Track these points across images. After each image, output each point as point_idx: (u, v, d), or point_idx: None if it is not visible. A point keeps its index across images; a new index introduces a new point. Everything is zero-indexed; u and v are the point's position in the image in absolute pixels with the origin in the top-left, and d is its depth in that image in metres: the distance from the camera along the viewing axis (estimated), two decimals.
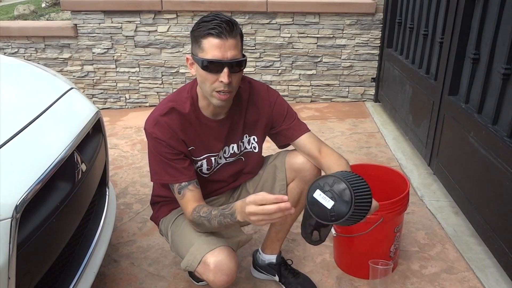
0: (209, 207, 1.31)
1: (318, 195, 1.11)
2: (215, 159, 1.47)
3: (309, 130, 1.53)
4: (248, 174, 1.61)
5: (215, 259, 1.29)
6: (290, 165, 1.54)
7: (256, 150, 1.56)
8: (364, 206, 1.11)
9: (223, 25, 1.21)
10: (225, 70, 1.23)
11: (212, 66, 1.24)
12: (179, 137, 1.36)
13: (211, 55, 1.23)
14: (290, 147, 1.57)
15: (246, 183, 1.63)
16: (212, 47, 1.22)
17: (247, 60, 1.34)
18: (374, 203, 1.23)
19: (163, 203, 1.59)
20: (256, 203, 1.10)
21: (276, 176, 1.56)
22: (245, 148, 1.54)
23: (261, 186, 1.59)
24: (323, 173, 1.43)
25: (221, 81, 1.24)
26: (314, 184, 1.12)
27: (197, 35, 1.25)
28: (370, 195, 1.12)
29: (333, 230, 1.75)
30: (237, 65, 1.26)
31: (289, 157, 1.55)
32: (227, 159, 1.51)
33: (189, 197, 1.35)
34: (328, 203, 1.09)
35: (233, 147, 1.50)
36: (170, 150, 1.34)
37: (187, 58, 1.34)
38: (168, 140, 1.33)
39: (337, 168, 1.36)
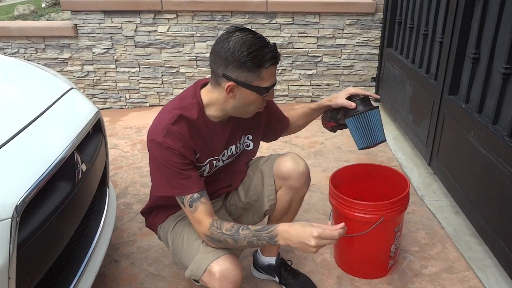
0: (230, 223, 1.28)
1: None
2: (215, 162, 1.46)
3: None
4: (240, 173, 1.59)
5: (220, 268, 1.28)
6: (277, 172, 1.53)
7: (249, 148, 1.56)
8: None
9: (277, 52, 1.25)
10: (272, 90, 1.30)
11: (268, 91, 1.28)
12: (190, 145, 1.32)
13: (271, 82, 1.27)
14: (281, 150, 1.58)
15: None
16: (271, 75, 1.26)
17: None
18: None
19: (158, 210, 1.56)
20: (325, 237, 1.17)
21: (264, 181, 1.55)
22: (240, 149, 1.54)
23: (252, 189, 1.58)
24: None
25: (267, 99, 1.31)
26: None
27: (255, 64, 1.20)
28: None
29: None
30: None
31: (276, 164, 1.54)
32: (224, 162, 1.50)
33: (202, 210, 1.30)
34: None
35: (231, 149, 1.49)
36: (182, 160, 1.29)
37: (228, 86, 1.23)
38: (180, 149, 1.28)
39: (302, 111, 1.68)
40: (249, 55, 1.19)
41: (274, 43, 1.28)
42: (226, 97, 1.28)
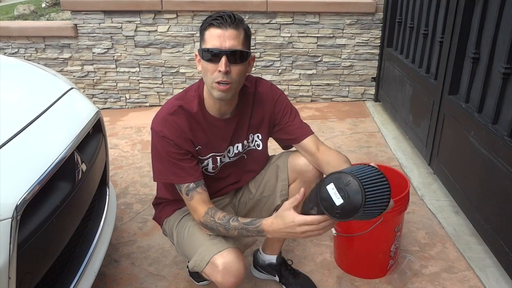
0: (223, 213, 1.31)
1: (331, 188, 1.07)
2: (220, 158, 1.47)
3: (313, 133, 1.50)
4: (250, 172, 1.60)
5: (223, 261, 1.29)
6: (293, 166, 1.53)
7: (260, 148, 1.55)
8: (374, 210, 1.06)
9: (225, 17, 1.25)
10: (223, 59, 1.23)
11: (211, 55, 1.25)
12: (187, 136, 1.35)
13: (210, 45, 1.25)
14: (293, 148, 1.57)
15: (248, 182, 1.63)
16: (212, 37, 1.25)
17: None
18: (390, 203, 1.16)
19: (166, 203, 1.58)
20: (307, 223, 1.14)
21: (278, 176, 1.56)
22: (249, 146, 1.54)
23: (263, 185, 1.59)
24: (327, 170, 1.38)
25: (219, 70, 1.24)
26: (331, 176, 1.08)
27: (201, 28, 1.29)
28: (385, 201, 1.06)
29: (333, 230, 1.75)
30: (235, 55, 1.25)
31: (291, 157, 1.55)
32: (231, 158, 1.51)
33: (198, 199, 1.35)
34: (338, 200, 1.05)
35: (237, 146, 1.49)
36: (177, 149, 1.33)
37: (195, 55, 1.35)
38: (175, 139, 1.32)
39: (337, 163, 1.34)
40: (203, 22, 1.29)
41: (236, 14, 1.28)
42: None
